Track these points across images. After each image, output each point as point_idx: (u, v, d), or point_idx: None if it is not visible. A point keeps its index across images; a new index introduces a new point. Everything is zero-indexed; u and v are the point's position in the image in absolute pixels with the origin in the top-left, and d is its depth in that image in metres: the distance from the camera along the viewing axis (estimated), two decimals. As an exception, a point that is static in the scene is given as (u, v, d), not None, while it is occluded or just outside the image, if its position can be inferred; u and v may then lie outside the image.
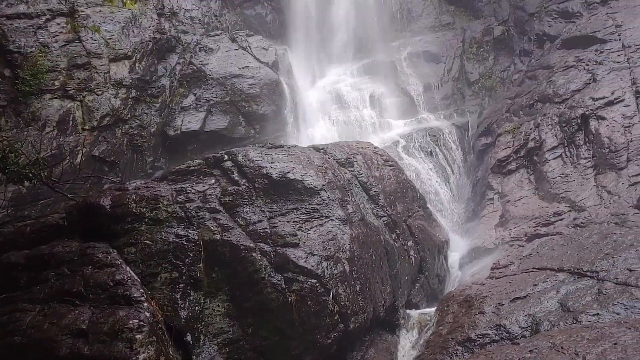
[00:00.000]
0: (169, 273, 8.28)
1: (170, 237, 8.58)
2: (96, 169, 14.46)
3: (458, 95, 18.75)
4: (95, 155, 14.49)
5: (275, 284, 8.29)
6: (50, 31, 15.21)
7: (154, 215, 8.82)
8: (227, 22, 19.58)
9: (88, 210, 9.15)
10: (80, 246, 8.63)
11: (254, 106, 16.77)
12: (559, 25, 17.08)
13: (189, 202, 9.22)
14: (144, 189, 9.27)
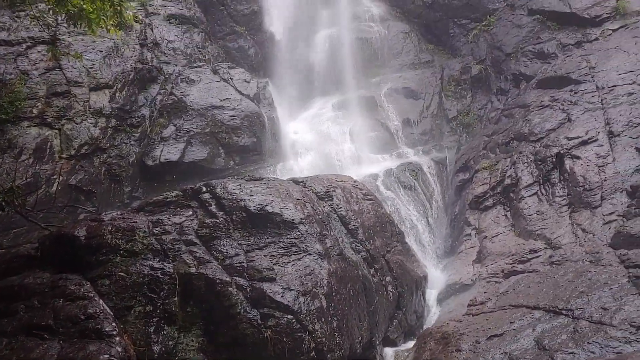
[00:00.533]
0: (143, 306, 8.14)
1: (146, 269, 8.46)
2: (72, 198, 14.26)
3: (436, 131, 18.99)
4: (71, 184, 14.30)
5: (251, 319, 8.18)
6: (30, 59, 15.18)
7: (130, 247, 8.71)
8: (210, 54, 19.72)
9: (62, 241, 9.00)
10: (52, 277, 8.46)
11: (235, 138, 16.78)
12: (534, 66, 17.52)
13: (166, 234, 9.12)
14: (120, 220, 9.16)
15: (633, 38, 15.69)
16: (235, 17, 21.44)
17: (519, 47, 18.15)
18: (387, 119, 19.05)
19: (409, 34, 21.94)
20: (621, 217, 11.82)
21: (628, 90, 14.21)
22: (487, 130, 17.25)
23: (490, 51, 19.29)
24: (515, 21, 18.88)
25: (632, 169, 12.66)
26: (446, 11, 21.27)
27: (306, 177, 12.21)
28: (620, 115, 13.74)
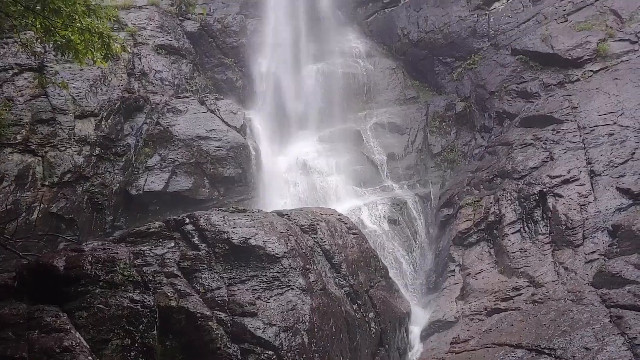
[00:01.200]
0: (120, 340, 7.97)
1: (125, 302, 8.31)
2: (53, 226, 14.07)
3: (421, 166, 19.12)
4: (53, 212, 14.13)
5: (232, 354, 8.05)
6: (16, 85, 15.15)
7: (110, 278, 8.58)
8: (198, 85, 19.83)
9: (40, 271, 8.84)
10: (29, 309, 8.27)
11: (220, 168, 16.75)
12: (518, 104, 17.79)
13: (147, 265, 9.01)
14: (100, 251, 9.04)
15: (613, 80, 16.01)
16: (224, 49, 21.63)
17: (503, 86, 18.45)
18: (372, 152, 19.15)
19: (395, 71, 22.26)
20: (603, 256, 11.90)
21: (609, 130, 14.46)
22: (471, 166, 17.40)
23: (474, 89, 19.59)
24: (499, 60, 19.25)
25: (613, 208, 12.80)
26: (431, 49, 21.66)
27: (290, 210, 12.19)
28: (601, 155, 13.96)
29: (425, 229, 16.63)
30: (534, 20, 19.42)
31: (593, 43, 17.39)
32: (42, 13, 8.10)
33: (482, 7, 20.83)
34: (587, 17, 18.39)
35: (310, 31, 22.58)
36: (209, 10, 21.69)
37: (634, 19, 17.69)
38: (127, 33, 18.70)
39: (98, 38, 8.64)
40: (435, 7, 21.97)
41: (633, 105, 14.76)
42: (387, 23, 23.49)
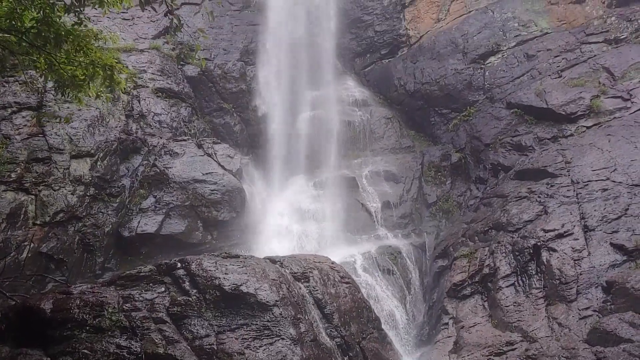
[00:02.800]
0: (104, 388, 7.75)
1: (111, 347, 8.14)
2: (42, 266, 13.86)
3: (416, 215, 19.11)
4: (42, 251, 13.95)
5: (218, 406, 7.82)
6: (14, 123, 15.18)
7: (97, 323, 8.42)
8: (196, 128, 19.94)
9: (26, 313, 8.68)
10: (11, 352, 8.09)
11: (214, 212, 16.68)
12: (512, 157, 17.95)
13: (136, 310, 8.86)
14: (89, 294, 8.91)
15: (606, 136, 16.24)
16: (223, 94, 21.88)
17: (498, 139, 18.66)
18: (367, 200, 19.15)
19: (391, 120, 22.50)
20: (597, 313, 11.81)
21: (602, 186, 14.56)
22: (467, 217, 17.39)
23: (469, 140, 19.79)
24: (494, 113, 19.53)
25: (607, 264, 12.78)
26: (427, 100, 21.99)
27: (283, 257, 12.08)
28: (595, 210, 14.01)
29: (420, 280, 16.48)
30: (529, 75, 19.81)
31: (586, 99, 17.70)
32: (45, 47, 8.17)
33: (478, 61, 21.26)
34: (581, 73, 18.78)
35: (308, 79, 22.91)
36: (210, 56, 22.02)
37: (626, 76, 18.07)
38: (127, 75, 18.84)
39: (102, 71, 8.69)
40: (432, 59, 22.42)
41: (626, 162, 14.92)
42: (384, 73, 23.92)
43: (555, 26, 20.71)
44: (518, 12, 21.48)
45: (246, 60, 22.86)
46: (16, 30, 7.98)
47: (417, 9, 24.10)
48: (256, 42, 23.28)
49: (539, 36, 20.70)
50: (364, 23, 24.85)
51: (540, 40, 20.51)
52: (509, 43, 21.00)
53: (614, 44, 19.20)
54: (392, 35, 24.24)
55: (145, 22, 21.64)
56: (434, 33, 23.09)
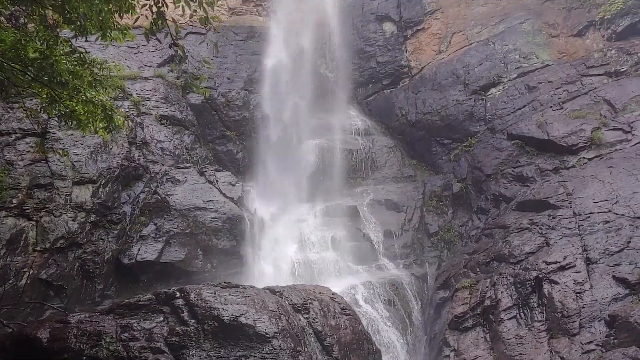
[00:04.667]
0: (99, 420, 7.63)
1: (108, 378, 8.02)
2: (40, 293, 13.79)
3: (418, 245, 19.03)
4: (42, 278, 13.90)
5: None
6: (17, 149, 15.26)
7: (94, 353, 8.34)
8: (198, 155, 20.03)
9: (23, 342, 8.60)
10: (7, 382, 7.98)
11: (214, 240, 16.64)
12: (514, 188, 17.95)
13: (134, 340, 8.78)
14: (87, 323, 8.83)
15: (608, 168, 16.24)
16: (226, 122, 22.04)
17: (499, 169, 18.68)
18: (369, 229, 19.10)
19: (392, 149, 22.59)
20: (600, 347, 11.66)
21: (604, 218, 14.51)
22: (468, 248, 17.31)
23: (471, 171, 19.81)
24: (495, 144, 19.59)
25: (609, 297, 12.66)
26: (429, 130, 22.09)
27: (283, 287, 12.00)
28: (597, 242, 13.93)
29: (421, 311, 16.33)
30: (530, 106, 19.91)
31: (587, 131, 17.75)
32: (48, 84, 8.29)
33: (479, 92, 21.40)
34: (582, 105, 18.88)
35: (311, 107, 23.11)
36: (214, 85, 22.25)
37: (627, 109, 18.15)
38: (131, 102, 19.08)
39: (101, 110, 8.80)
40: (433, 90, 22.59)
41: (627, 194, 14.89)
42: (386, 103, 24.09)
43: (556, 58, 20.88)
44: (519, 45, 21.68)
45: (250, 88, 23.08)
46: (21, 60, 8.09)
47: (418, 40, 24.39)
48: (260, 71, 23.55)
49: (540, 68, 20.84)
50: (366, 54, 25.13)
51: (542, 72, 20.66)
52: (510, 75, 21.16)
53: (615, 76, 19.34)
54: (394, 66, 24.49)
55: (150, 50, 21.91)
56: (436, 64, 23.32)
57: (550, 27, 21.60)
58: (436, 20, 24.34)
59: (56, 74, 8.02)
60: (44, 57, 7.97)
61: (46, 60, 7.94)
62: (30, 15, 10.05)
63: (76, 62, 8.61)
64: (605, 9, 20.34)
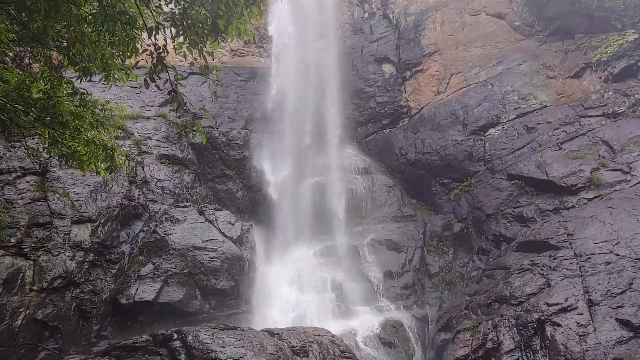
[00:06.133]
0: None
1: None
2: (35, 333, 13.58)
3: (418, 286, 18.85)
4: (37, 318, 13.70)
5: None
6: (18, 188, 15.27)
7: (88, 397, 8.13)
8: (198, 194, 20.05)
9: (15, 386, 8.40)
10: None
11: (213, 280, 16.50)
12: (514, 228, 17.90)
13: (129, 384, 8.58)
14: (81, 367, 8.65)
15: (608, 208, 16.20)
16: (226, 161, 22.15)
17: (499, 209, 18.65)
18: (369, 270, 18.96)
19: (392, 188, 22.63)
20: (606, 392, 11.39)
21: (605, 259, 14.39)
22: (469, 289, 17.13)
23: (471, 210, 19.79)
24: (495, 184, 19.62)
25: (613, 340, 12.42)
26: (428, 169, 22.18)
27: (282, 329, 11.83)
28: (598, 284, 13.78)
29: (422, 353, 16.05)
30: (529, 147, 20.02)
31: (586, 171, 17.78)
32: (50, 124, 8.35)
33: (478, 132, 21.55)
34: (580, 146, 18.97)
35: (311, 146, 23.28)
36: (215, 124, 22.48)
37: (625, 150, 18.22)
38: (132, 142, 19.21)
39: (102, 150, 8.85)
40: (432, 130, 22.77)
41: (628, 235, 14.81)
42: (386, 143, 24.27)
43: (554, 99, 21.07)
44: (517, 86, 21.94)
45: (250, 128, 23.30)
46: (24, 101, 8.18)
47: (417, 81, 24.73)
48: (261, 110, 23.82)
49: (538, 109, 21.03)
50: (366, 94, 25.46)
51: (540, 113, 20.84)
52: (508, 115, 21.35)
53: (612, 117, 19.49)
54: (393, 106, 24.79)
55: (152, 90, 22.15)
56: (435, 105, 23.58)
57: (547, 68, 21.89)
58: (434, 62, 24.73)
59: (58, 115, 8.10)
60: (47, 98, 8.06)
61: (49, 101, 8.03)
62: (35, 56, 10.21)
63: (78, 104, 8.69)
64: (602, 52, 20.64)
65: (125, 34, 8.64)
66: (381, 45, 26.32)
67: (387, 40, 26.52)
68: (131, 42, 8.91)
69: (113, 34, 8.46)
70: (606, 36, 20.73)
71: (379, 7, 27.96)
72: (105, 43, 8.75)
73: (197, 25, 8.14)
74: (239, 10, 7.66)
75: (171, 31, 8.36)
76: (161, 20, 8.61)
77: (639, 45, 19.84)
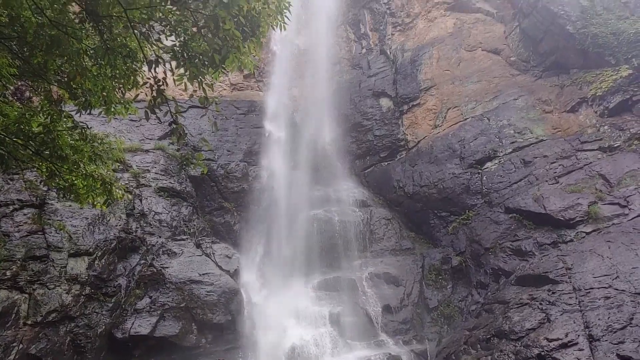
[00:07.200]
0: None
1: None
2: (28, 369, 13.38)
3: (417, 320, 18.67)
4: (31, 353, 13.50)
5: None
6: (15, 220, 15.23)
7: None
8: (195, 227, 20.00)
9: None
10: None
11: (209, 314, 16.33)
12: (513, 262, 17.81)
13: (121, 422, 8.41)
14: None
15: (606, 242, 16.16)
16: (225, 193, 22.17)
17: (497, 243, 18.61)
18: (367, 304, 18.80)
19: (390, 221, 22.60)
20: None
21: (605, 294, 14.29)
22: (468, 323, 16.96)
23: (469, 244, 19.73)
24: (493, 217, 19.61)
25: (616, 377, 12.27)
26: (426, 202, 22.19)
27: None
28: (598, 319, 13.66)
29: (421, 391, 15.81)
30: (526, 180, 20.08)
31: (584, 205, 17.79)
32: (49, 158, 8.39)
33: (475, 166, 21.65)
34: (577, 180, 19.02)
35: (309, 179, 23.33)
36: (214, 157, 22.57)
37: (622, 183, 18.27)
38: (131, 174, 19.24)
39: (100, 184, 8.87)
40: (430, 163, 22.88)
41: (627, 269, 14.74)
42: (384, 175, 24.34)
43: (550, 134, 21.22)
44: (513, 120, 22.12)
45: (249, 160, 23.40)
46: (23, 134, 8.24)
47: (414, 115, 24.96)
48: (259, 143, 23.96)
49: (534, 143, 21.17)
50: (363, 127, 25.66)
51: (536, 147, 20.96)
52: (505, 149, 21.47)
53: (609, 151, 19.59)
54: (391, 139, 24.96)
55: (152, 122, 22.34)
56: (432, 138, 23.74)
57: (543, 103, 22.12)
58: (431, 96, 25.01)
59: (57, 149, 8.15)
60: (47, 132, 8.12)
61: (49, 135, 8.09)
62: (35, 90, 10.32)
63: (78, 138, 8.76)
64: (597, 87, 20.89)
65: (125, 67, 8.76)
66: (379, 79, 26.67)
67: (384, 75, 26.87)
68: (132, 75, 9.03)
69: (114, 67, 8.57)
70: (601, 71, 21.00)
71: (376, 43, 28.42)
72: (106, 76, 8.86)
73: (197, 57, 8.26)
74: (237, 44, 7.78)
75: (171, 64, 8.47)
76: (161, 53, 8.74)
77: (633, 81, 20.06)
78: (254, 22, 7.46)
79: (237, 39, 7.45)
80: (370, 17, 28.97)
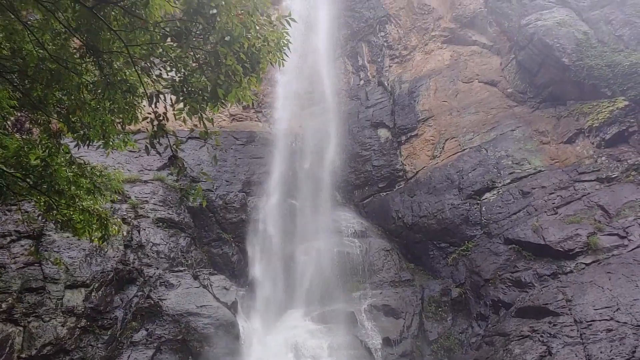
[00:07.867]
0: None
1: None
2: (19, 405, 13.15)
3: (417, 353, 18.41)
4: (23, 388, 13.30)
5: None
6: (11, 252, 15.16)
7: None
8: (193, 258, 19.88)
9: None
10: None
11: (206, 347, 16.11)
12: (513, 294, 17.67)
13: None
14: None
15: (607, 274, 16.08)
16: (223, 224, 22.11)
17: (497, 274, 18.49)
18: (366, 336, 18.55)
19: (389, 252, 22.47)
20: None
21: (606, 326, 14.17)
22: (469, 356, 16.77)
23: (469, 275, 19.61)
24: (492, 249, 19.54)
25: (620, 413, 12.08)
26: (425, 233, 22.12)
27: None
28: (601, 352, 13.52)
29: None
30: (525, 211, 20.06)
31: (583, 236, 17.73)
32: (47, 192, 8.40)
33: (474, 196, 21.65)
34: (576, 210, 19.00)
35: (307, 209, 23.28)
36: (213, 187, 22.57)
37: (621, 214, 18.25)
38: (129, 205, 19.22)
39: (97, 220, 8.86)
40: (429, 194, 22.89)
41: (628, 301, 14.64)
42: (382, 206, 24.32)
43: (548, 164, 21.28)
44: (511, 151, 22.21)
45: (247, 191, 23.41)
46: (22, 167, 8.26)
47: (412, 146, 25.08)
48: (258, 174, 23.98)
49: (532, 174, 21.20)
50: (362, 158, 25.74)
51: (534, 177, 20.99)
52: (503, 180, 21.50)
53: (606, 182, 19.62)
54: (389, 169, 25.02)
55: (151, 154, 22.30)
56: (430, 169, 23.80)
57: (540, 134, 22.24)
58: (429, 127, 25.16)
59: (55, 183, 8.16)
60: (45, 165, 8.14)
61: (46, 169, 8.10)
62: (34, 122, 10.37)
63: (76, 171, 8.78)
64: (593, 118, 21.03)
65: (125, 101, 8.83)
66: (377, 110, 26.87)
67: (382, 105, 27.08)
68: (131, 109, 9.09)
69: (113, 101, 8.64)
70: (597, 103, 21.15)
71: (374, 75, 28.73)
72: (105, 110, 8.93)
73: (197, 92, 8.33)
74: (238, 79, 7.86)
75: (171, 98, 8.54)
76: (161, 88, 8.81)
77: (629, 112, 20.20)
78: (254, 58, 7.56)
79: (238, 74, 7.53)
80: (367, 49, 29.35)
